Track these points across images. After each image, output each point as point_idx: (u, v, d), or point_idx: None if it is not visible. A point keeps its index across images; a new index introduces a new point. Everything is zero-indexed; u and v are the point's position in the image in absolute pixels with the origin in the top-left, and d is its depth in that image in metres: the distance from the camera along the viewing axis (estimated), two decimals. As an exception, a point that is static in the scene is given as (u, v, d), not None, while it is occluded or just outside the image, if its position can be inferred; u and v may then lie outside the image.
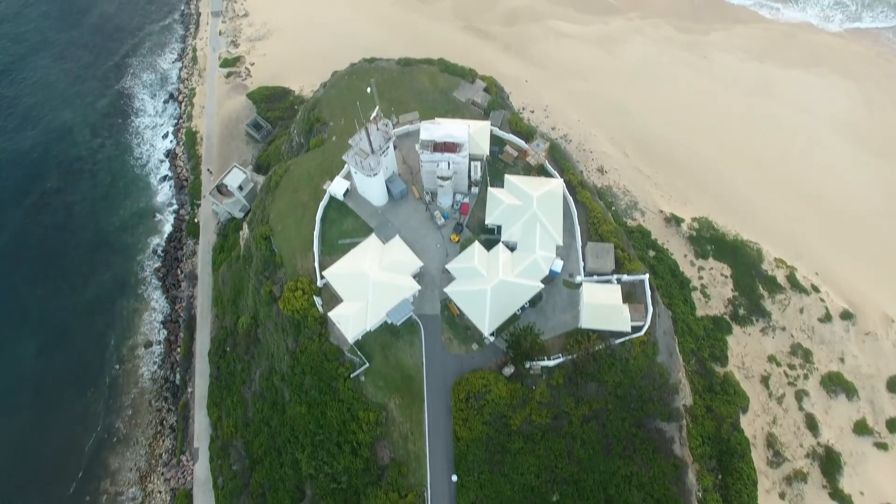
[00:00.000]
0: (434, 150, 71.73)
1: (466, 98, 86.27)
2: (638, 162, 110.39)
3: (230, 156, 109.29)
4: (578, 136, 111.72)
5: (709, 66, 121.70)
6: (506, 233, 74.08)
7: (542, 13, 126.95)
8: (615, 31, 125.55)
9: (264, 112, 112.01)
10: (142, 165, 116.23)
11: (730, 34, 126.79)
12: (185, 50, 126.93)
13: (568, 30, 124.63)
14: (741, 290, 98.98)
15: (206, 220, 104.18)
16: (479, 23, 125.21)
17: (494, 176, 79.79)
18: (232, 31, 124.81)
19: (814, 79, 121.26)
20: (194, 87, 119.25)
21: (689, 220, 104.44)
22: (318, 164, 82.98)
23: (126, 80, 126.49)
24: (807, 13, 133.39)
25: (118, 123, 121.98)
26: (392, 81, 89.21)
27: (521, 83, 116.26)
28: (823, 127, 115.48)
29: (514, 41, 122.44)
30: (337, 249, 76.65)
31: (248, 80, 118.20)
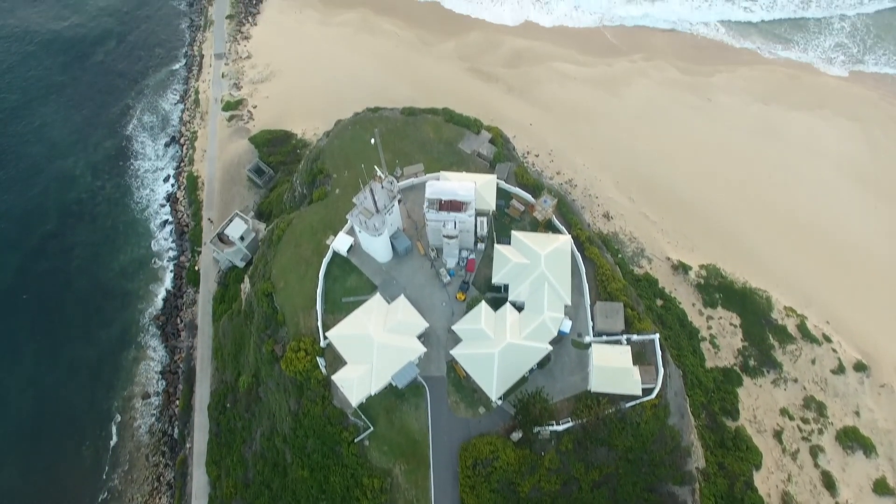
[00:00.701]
0: (440, 209, 71.39)
1: (472, 150, 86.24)
2: (644, 207, 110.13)
3: (231, 201, 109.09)
4: (584, 180, 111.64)
5: (713, 108, 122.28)
6: (513, 292, 73.34)
7: (546, 55, 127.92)
8: (619, 73, 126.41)
9: (266, 156, 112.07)
10: (142, 210, 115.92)
11: (734, 76, 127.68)
12: (188, 92, 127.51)
13: (572, 72, 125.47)
14: (751, 340, 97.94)
15: (207, 267, 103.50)
16: (482, 64, 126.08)
17: (501, 231, 79.44)
18: (235, 73, 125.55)
19: (818, 121, 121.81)
20: (196, 131, 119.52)
21: (696, 267, 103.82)
22: (322, 217, 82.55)
23: (128, 122, 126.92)
24: (808, 54, 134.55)
25: (119, 166, 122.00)
26: (396, 132, 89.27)
27: (525, 127, 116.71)
28: (829, 170, 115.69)
29: (518, 83, 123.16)
30: (341, 308, 75.85)
31: (250, 123, 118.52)
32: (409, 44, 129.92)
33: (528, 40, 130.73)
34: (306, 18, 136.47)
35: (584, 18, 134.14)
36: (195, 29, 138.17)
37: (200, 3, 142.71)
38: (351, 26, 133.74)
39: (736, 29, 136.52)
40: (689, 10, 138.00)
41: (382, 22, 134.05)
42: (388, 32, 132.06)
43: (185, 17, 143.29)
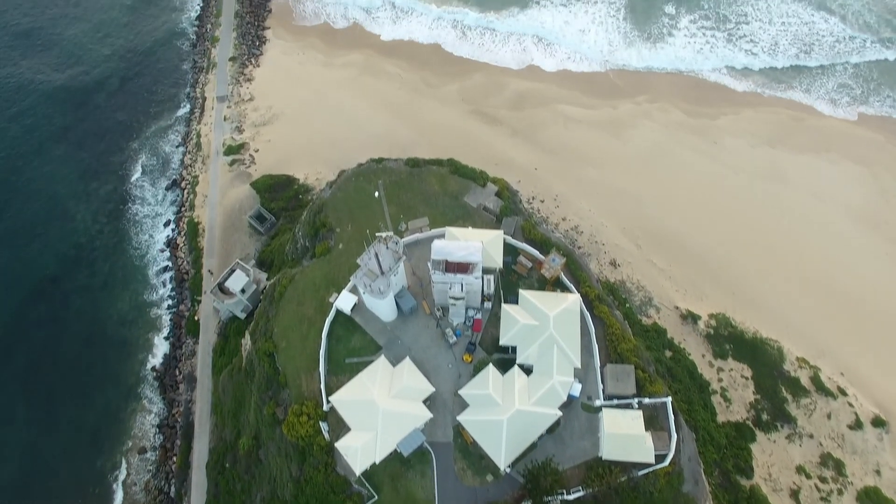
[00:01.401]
0: (446, 271, 70.55)
1: (477, 203, 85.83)
2: (651, 254, 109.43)
3: (232, 249, 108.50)
4: (590, 227, 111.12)
5: (719, 151, 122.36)
6: (521, 355, 72.17)
7: (550, 97, 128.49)
8: (624, 115, 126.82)
9: (268, 202, 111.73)
10: (141, 256, 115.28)
11: (738, 118, 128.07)
12: (190, 135, 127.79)
13: (576, 114, 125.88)
14: (763, 393, 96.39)
15: (207, 317, 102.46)
16: (486, 107, 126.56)
17: (508, 289, 78.55)
18: (237, 116, 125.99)
19: (825, 164, 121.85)
20: (197, 175, 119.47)
21: (705, 316, 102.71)
22: (325, 274, 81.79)
23: (129, 165, 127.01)
24: (811, 95, 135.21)
25: (119, 210, 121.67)
26: (400, 184, 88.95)
27: (530, 171, 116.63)
28: (838, 214, 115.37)
29: (523, 126, 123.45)
30: (344, 369, 74.69)
31: (251, 167, 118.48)
32: (413, 86, 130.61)
33: (532, 82, 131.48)
34: (309, 59, 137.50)
35: (587, 63, 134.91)
36: (198, 71, 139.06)
37: (203, 44, 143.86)
38: (354, 67, 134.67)
39: (739, 71, 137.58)
40: (691, 53, 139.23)
41: (386, 63, 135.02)
42: (392, 74, 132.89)
43: (188, 57, 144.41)
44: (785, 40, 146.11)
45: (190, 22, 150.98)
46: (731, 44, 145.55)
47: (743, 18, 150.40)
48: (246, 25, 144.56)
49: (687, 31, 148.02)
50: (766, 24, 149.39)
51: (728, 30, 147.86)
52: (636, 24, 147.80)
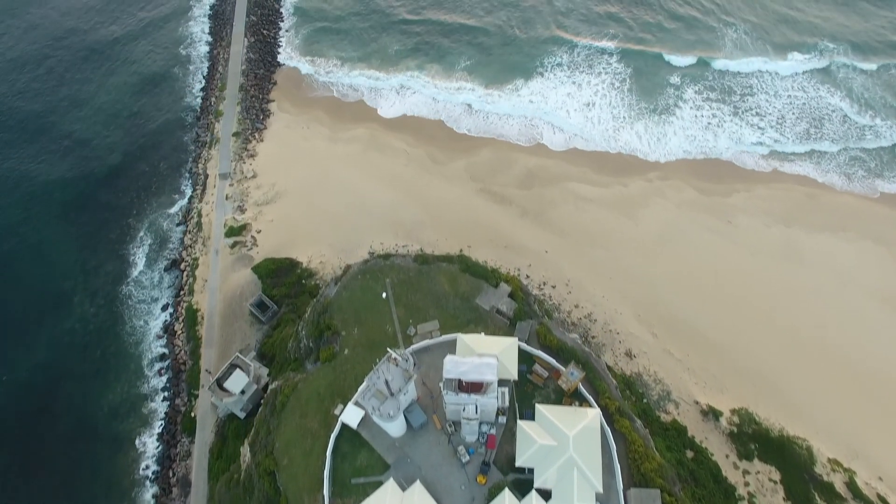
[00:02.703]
0: (460, 391, 67.65)
1: (490, 305, 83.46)
2: (668, 343, 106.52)
3: (232, 338, 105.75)
4: (603, 314, 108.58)
5: (734, 231, 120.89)
6: (539, 478, 68.46)
7: (560, 175, 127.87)
8: (635, 193, 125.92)
9: (270, 288, 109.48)
10: (136, 343, 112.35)
11: (751, 196, 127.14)
12: (191, 213, 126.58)
13: (587, 193, 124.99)
14: (795, 500, 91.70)
15: (204, 414, 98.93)
16: (494, 185, 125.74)
17: (523, 400, 75.54)
18: (239, 194, 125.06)
19: (843, 244, 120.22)
20: (197, 257, 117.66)
21: (727, 412, 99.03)
22: (329, 382, 78.85)
23: (128, 244, 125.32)
24: (822, 168, 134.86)
25: (115, 291, 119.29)
26: (409, 283, 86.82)
27: (540, 254, 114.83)
28: (859, 296, 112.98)
29: (532, 206, 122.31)
30: (350, 490, 70.99)
31: (253, 249, 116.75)
32: (419, 162, 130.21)
33: (540, 158, 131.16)
34: (314, 134, 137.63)
35: (594, 143, 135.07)
36: (201, 146, 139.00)
37: (207, 118, 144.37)
38: (359, 143, 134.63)
39: (748, 146, 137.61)
40: (699, 131, 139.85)
41: (391, 138, 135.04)
42: (398, 150, 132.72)
43: (191, 130, 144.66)
44: (792, 114, 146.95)
45: (194, 95, 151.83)
46: (737, 117, 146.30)
47: (748, 90, 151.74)
48: (250, 99, 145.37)
49: (693, 103, 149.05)
50: (771, 97, 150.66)
51: (733, 102, 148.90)
52: (642, 94, 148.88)
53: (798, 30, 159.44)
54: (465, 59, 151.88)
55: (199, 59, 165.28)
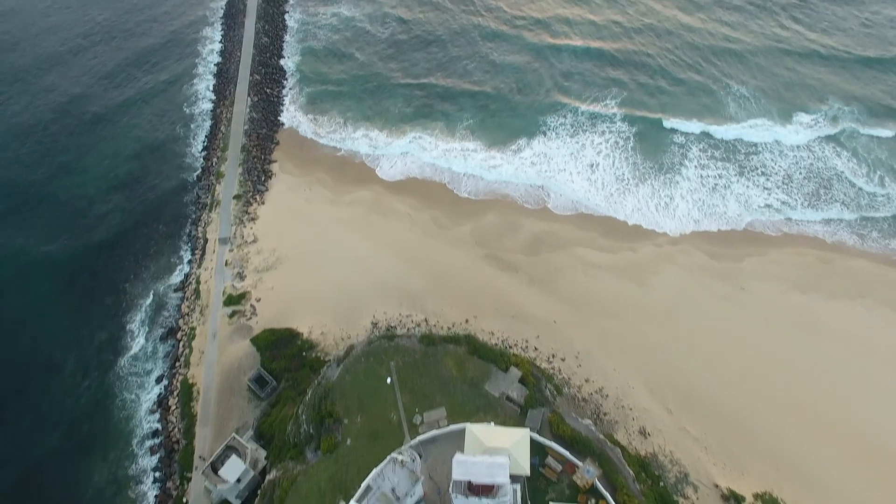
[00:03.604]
0: (469, 493, 63.94)
1: (500, 392, 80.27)
2: (683, 420, 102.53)
3: (229, 415, 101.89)
4: (615, 388, 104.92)
5: (748, 298, 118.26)
6: (555, 588, 64.29)
7: (567, 240, 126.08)
8: (645, 259, 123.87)
9: (269, 361, 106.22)
10: (127, 418, 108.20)
11: (764, 261, 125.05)
12: (189, 279, 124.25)
13: (595, 259, 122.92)
14: None
15: (197, 499, 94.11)
16: (500, 251, 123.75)
17: (535, 495, 71.56)
18: (239, 260, 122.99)
19: (862, 311, 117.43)
20: (195, 327, 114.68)
21: (750, 497, 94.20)
22: (331, 475, 74.99)
23: (124, 312, 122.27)
24: (833, 229, 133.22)
25: (108, 361, 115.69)
26: (414, 366, 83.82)
27: (549, 324, 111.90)
28: (884, 369, 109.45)
29: (539, 273, 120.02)
30: None
31: (252, 319, 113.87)
32: (423, 227, 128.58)
33: (547, 223, 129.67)
34: (316, 196, 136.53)
35: (598, 209, 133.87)
36: (201, 208, 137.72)
37: (209, 179, 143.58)
38: (362, 206, 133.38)
39: (757, 208, 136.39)
40: (706, 194, 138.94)
41: (395, 201, 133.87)
42: (401, 213, 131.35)
43: (192, 192, 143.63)
44: (799, 174, 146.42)
45: (195, 156, 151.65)
46: (743, 177, 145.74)
47: (752, 149, 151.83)
48: (252, 160, 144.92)
49: (698, 162, 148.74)
50: (776, 156, 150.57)
51: (738, 161, 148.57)
52: (646, 154, 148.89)
53: (802, 92, 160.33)
54: (468, 118, 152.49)
55: (201, 117, 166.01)
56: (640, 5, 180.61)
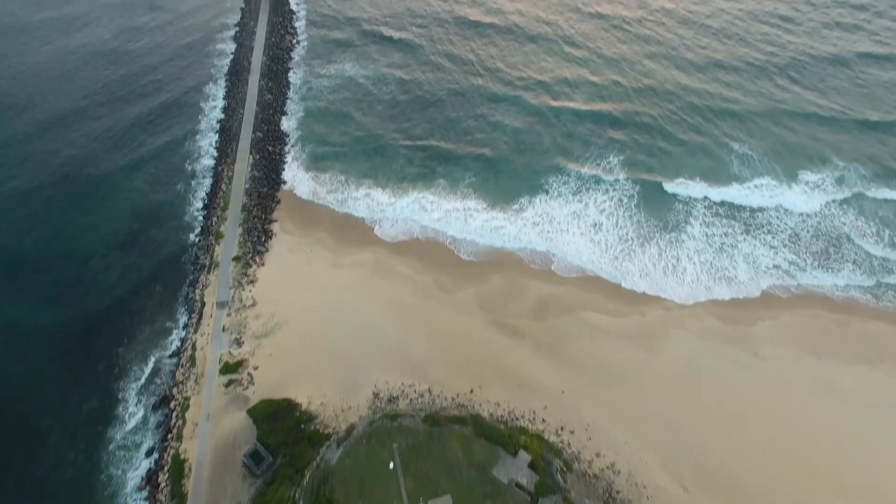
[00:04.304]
0: None
1: (508, 478, 75.90)
2: (700, 498, 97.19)
3: (222, 495, 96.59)
4: (627, 464, 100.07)
5: (762, 364, 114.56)
6: None
7: (574, 303, 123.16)
8: (654, 323, 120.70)
9: (265, 435, 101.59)
10: (113, 495, 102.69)
11: (777, 324, 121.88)
12: (185, 345, 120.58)
13: (603, 323, 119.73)
14: None
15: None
16: (506, 316, 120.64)
17: None
18: (237, 325, 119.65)
19: (882, 378, 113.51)
20: (189, 397, 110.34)
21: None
22: (330, 571, 69.85)
23: (116, 376, 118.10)
24: (846, 290, 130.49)
25: (96, 431, 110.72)
26: (418, 448, 79.66)
27: (557, 394, 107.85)
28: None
29: (546, 339, 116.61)
30: None
31: (249, 388, 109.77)
32: (426, 290, 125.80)
33: (552, 285, 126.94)
34: (317, 258, 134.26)
35: (604, 272, 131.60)
36: (199, 269, 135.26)
37: (208, 239, 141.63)
38: (364, 268, 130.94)
39: (766, 270, 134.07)
40: (713, 255, 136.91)
41: (397, 263, 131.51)
42: (404, 276, 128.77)
43: (190, 252, 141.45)
44: (806, 232, 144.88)
45: (194, 215, 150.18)
46: (749, 235, 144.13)
47: (757, 207, 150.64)
48: (253, 219, 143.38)
49: (703, 219, 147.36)
50: (782, 214, 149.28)
51: (744, 219, 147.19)
52: (650, 212, 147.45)
53: (805, 152, 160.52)
54: (469, 178, 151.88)
55: (202, 174, 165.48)
56: (640, 66, 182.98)
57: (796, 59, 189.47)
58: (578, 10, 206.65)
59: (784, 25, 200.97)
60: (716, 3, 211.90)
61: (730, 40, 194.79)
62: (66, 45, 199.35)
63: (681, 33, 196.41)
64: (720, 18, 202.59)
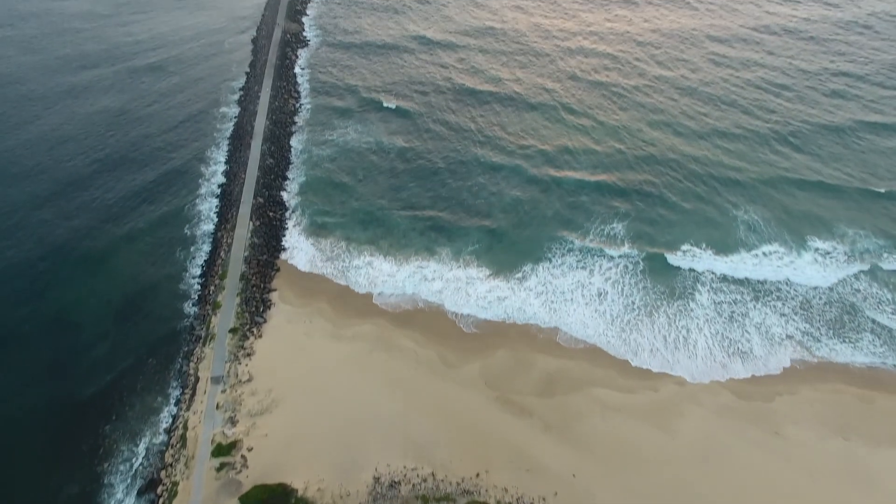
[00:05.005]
0: None
1: (523, 584, 69.82)
2: None
3: None
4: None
5: (784, 445, 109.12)
6: None
7: (583, 379, 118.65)
8: (667, 399, 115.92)
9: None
10: None
11: (797, 400, 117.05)
12: (176, 423, 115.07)
13: (614, 400, 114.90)
14: None
15: None
16: (512, 393, 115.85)
17: None
18: (231, 402, 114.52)
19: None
20: (178, 482, 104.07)
21: None
22: None
23: (101, 456, 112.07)
24: (867, 361, 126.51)
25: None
26: (424, 547, 73.76)
27: (567, 479, 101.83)
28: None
29: (555, 418, 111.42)
30: None
31: (243, 472, 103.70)
32: (429, 365, 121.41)
33: (560, 360, 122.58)
34: (316, 329, 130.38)
35: (612, 346, 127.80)
36: (195, 340, 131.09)
37: (205, 308, 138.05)
38: (365, 341, 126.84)
39: (779, 342, 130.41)
40: (723, 325, 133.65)
41: (400, 336, 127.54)
42: (406, 350, 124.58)
43: (186, 322, 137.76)
44: (818, 299, 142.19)
45: (192, 284, 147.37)
46: (759, 302, 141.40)
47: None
48: (251, 289, 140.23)
49: (711, 286, 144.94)
50: (791, 280, 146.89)
51: (752, 284, 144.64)
52: (656, 279, 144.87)
53: (813, 221, 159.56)
54: (471, 248, 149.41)
55: (202, 239, 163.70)
56: (641, 134, 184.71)
57: (795, 125, 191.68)
58: (576, 77, 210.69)
59: (782, 93, 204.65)
60: (711, 70, 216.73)
61: (728, 107, 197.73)
62: (72, 111, 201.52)
63: (679, 100, 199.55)
64: (717, 86, 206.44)
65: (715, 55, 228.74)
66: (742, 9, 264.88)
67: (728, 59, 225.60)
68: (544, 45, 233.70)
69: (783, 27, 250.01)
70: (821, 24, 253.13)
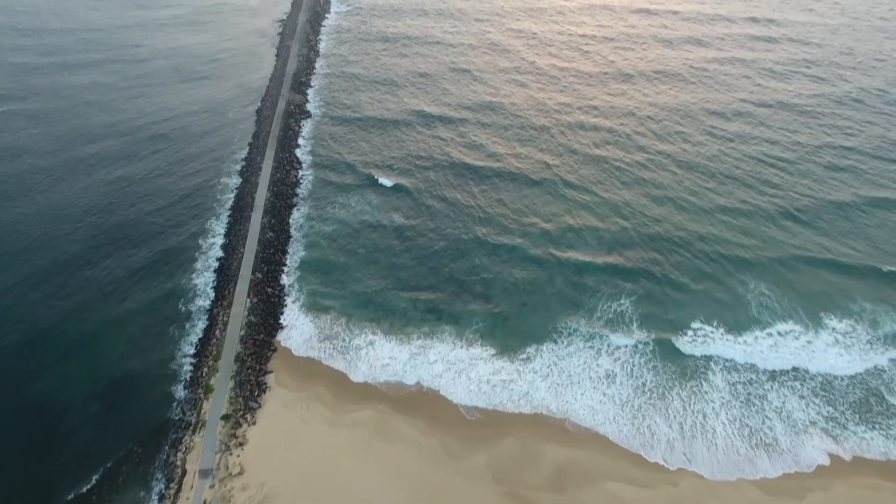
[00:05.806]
0: None
1: None
2: None
3: None
4: None
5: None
6: None
7: (595, 472, 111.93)
8: (687, 495, 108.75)
9: None
10: None
11: (830, 498, 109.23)
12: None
13: (630, 496, 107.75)
14: None
15: None
16: (522, 488, 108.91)
17: None
18: (220, 499, 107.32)
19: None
20: None
21: None
22: None
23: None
24: None
25: None
26: None
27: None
28: None
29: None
30: None
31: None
32: (432, 455, 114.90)
33: (570, 449, 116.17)
34: (313, 415, 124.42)
35: (624, 438, 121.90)
36: (184, 427, 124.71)
37: (197, 392, 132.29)
38: (364, 428, 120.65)
39: (804, 428, 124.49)
40: (741, 404, 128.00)
41: (401, 423, 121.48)
42: (408, 438, 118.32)
43: (175, 407, 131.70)
44: (840, 381, 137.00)
45: (183, 364, 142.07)
46: (776, 382, 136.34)
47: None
48: (246, 371, 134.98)
49: (724, 364, 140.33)
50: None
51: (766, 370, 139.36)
52: (666, 358, 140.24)
53: (827, 300, 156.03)
54: (474, 331, 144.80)
55: (196, 316, 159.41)
56: (645, 211, 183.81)
57: (798, 200, 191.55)
58: (576, 151, 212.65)
59: (784, 167, 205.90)
60: (711, 144, 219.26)
61: (731, 181, 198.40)
62: (76, 183, 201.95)
63: (680, 174, 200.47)
64: (718, 160, 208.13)
65: (713, 128, 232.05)
66: (736, 83, 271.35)
67: (727, 132, 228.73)
68: (544, 119, 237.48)
69: (778, 101, 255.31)
70: (813, 98, 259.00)
